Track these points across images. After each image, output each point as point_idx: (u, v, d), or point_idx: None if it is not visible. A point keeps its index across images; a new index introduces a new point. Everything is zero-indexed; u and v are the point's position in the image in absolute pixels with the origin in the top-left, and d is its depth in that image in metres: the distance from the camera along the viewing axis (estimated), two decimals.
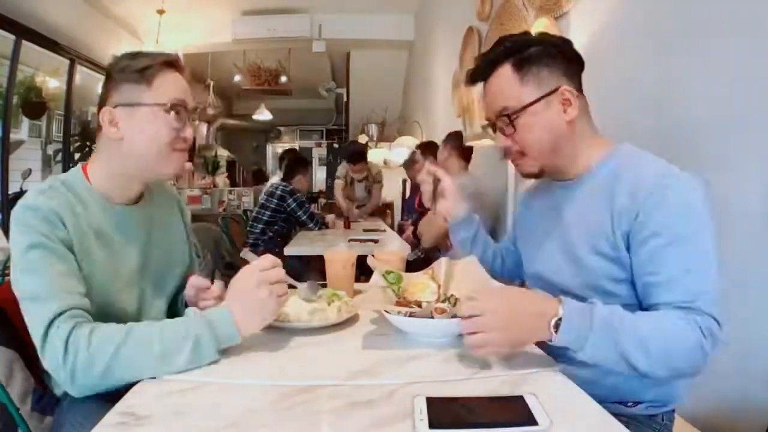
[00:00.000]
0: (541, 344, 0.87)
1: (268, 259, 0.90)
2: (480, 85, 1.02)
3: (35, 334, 0.81)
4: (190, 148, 1.03)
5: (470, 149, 2.85)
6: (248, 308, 0.87)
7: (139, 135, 0.96)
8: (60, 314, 0.80)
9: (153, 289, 1.05)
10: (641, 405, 0.92)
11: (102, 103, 0.97)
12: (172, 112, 0.96)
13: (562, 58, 0.95)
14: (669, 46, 1.37)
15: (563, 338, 0.76)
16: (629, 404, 0.92)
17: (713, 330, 0.78)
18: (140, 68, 0.96)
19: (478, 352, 0.78)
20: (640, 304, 0.88)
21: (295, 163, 3.80)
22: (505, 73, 0.95)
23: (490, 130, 1.03)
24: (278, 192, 3.48)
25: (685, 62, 1.30)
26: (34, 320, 0.82)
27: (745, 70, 1.11)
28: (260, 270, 0.88)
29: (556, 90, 0.93)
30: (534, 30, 2.15)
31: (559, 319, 0.76)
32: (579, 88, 0.97)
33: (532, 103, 0.93)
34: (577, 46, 1.43)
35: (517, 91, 0.94)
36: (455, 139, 2.88)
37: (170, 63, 0.99)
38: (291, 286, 0.97)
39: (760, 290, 1.07)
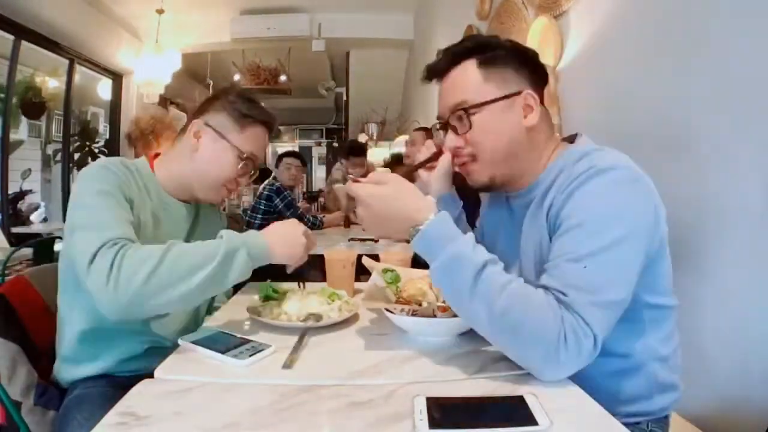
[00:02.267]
0: None
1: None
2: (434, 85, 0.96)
3: (84, 256, 0.84)
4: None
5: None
6: (284, 243, 0.98)
7: (209, 159, 1.08)
8: (113, 240, 0.86)
9: None
10: (619, 415, 0.88)
11: (199, 113, 1.11)
12: (243, 162, 1.09)
13: (529, 66, 0.91)
14: (668, 45, 1.37)
15: (417, 246, 0.78)
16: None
17: (579, 337, 0.69)
18: (245, 113, 1.09)
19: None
20: None
21: (279, 158, 3.72)
22: (469, 67, 0.90)
23: (440, 133, 0.96)
24: (265, 192, 3.42)
25: (685, 62, 1.30)
26: (85, 243, 0.86)
27: (745, 70, 1.11)
28: (304, 228, 1.01)
29: (518, 93, 0.88)
30: (532, 30, 2.15)
31: (420, 228, 0.77)
32: (541, 98, 0.91)
33: (492, 101, 0.87)
34: (577, 45, 1.43)
35: (478, 85, 0.88)
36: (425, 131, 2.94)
37: (269, 124, 1.14)
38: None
39: (760, 290, 1.07)
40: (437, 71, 0.94)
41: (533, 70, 0.91)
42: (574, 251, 0.74)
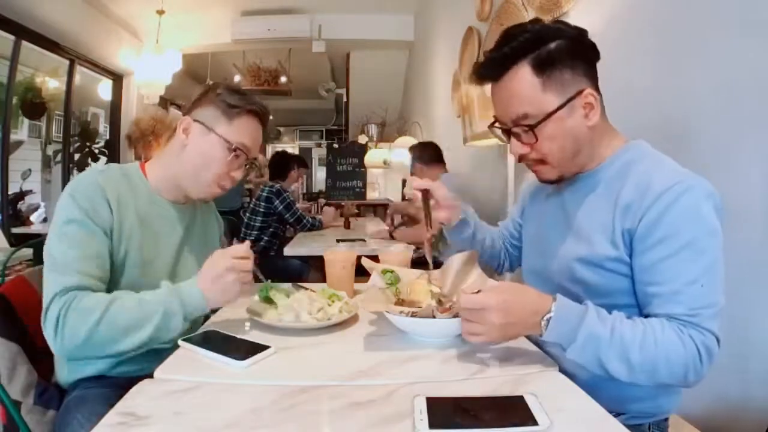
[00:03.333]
0: (540, 344, 0.87)
1: (243, 247, 0.96)
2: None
3: (44, 301, 0.88)
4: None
5: (439, 152, 2.78)
6: (215, 287, 0.93)
7: (199, 153, 1.06)
8: (66, 289, 0.88)
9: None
10: (622, 416, 0.88)
11: (187, 111, 1.10)
12: (233, 154, 1.06)
13: (582, 54, 0.87)
14: (669, 45, 1.37)
15: (551, 335, 0.78)
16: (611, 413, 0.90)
17: (710, 348, 0.76)
18: (231, 104, 1.07)
19: (472, 340, 0.80)
20: (639, 308, 0.85)
21: (283, 161, 3.70)
22: (524, 74, 0.85)
23: (497, 131, 0.94)
24: (264, 194, 3.39)
25: (685, 62, 1.30)
26: (46, 288, 0.89)
27: (745, 70, 1.11)
28: (232, 256, 0.94)
29: (579, 93, 0.85)
30: None
31: (550, 317, 0.77)
32: (597, 85, 0.90)
33: (554, 111, 0.85)
34: None
35: (538, 96, 0.85)
36: (422, 149, 2.82)
37: (258, 113, 1.11)
38: (258, 280, 1.04)
39: (760, 290, 1.07)
40: (490, 74, 0.90)
41: (587, 57, 0.88)
42: (690, 274, 0.78)
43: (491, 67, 0.89)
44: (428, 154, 2.75)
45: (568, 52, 0.85)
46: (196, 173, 1.07)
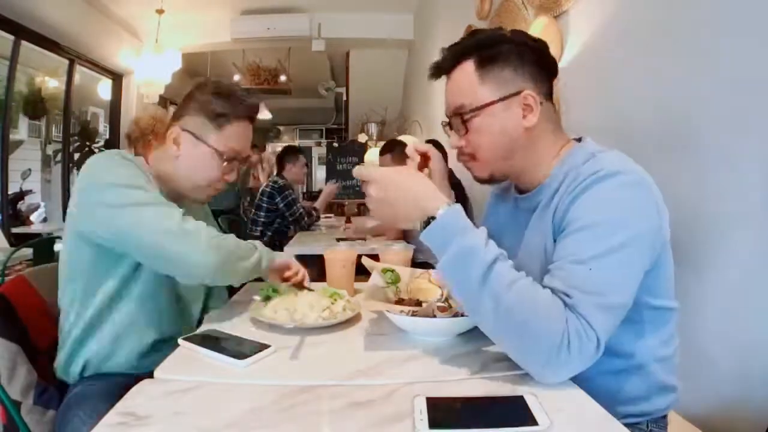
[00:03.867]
0: None
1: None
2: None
3: (170, 228, 0.95)
4: None
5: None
6: None
7: (192, 164, 1.08)
8: (183, 212, 0.98)
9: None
10: (620, 415, 0.87)
11: (176, 117, 1.10)
12: (225, 161, 1.08)
13: (532, 61, 0.88)
14: (669, 45, 1.37)
15: (427, 235, 0.77)
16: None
17: (583, 339, 0.68)
18: (219, 112, 1.06)
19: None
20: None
21: (283, 154, 3.67)
22: (467, 68, 0.88)
23: (447, 129, 0.96)
24: (268, 190, 3.37)
25: (685, 62, 1.30)
26: (162, 218, 0.96)
27: (745, 70, 1.11)
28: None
29: (517, 93, 0.86)
30: (533, 29, 2.15)
31: (431, 219, 0.77)
32: (548, 96, 0.90)
33: (488, 104, 0.87)
34: (577, 45, 1.43)
35: (475, 89, 0.87)
36: (394, 143, 2.81)
37: (246, 117, 1.10)
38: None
39: (760, 290, 1.07)
40: (441, 70, 0.94)
41: (537, 66, 0.89)
42: (580, 253, 0.73)
43: (444, 63, 0.93)
44: (400, 149, 2.74)
45: (515, 55, 0.87)
46: (191, 180, 1.10)
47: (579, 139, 0.93)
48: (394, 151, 2.73)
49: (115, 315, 1.02)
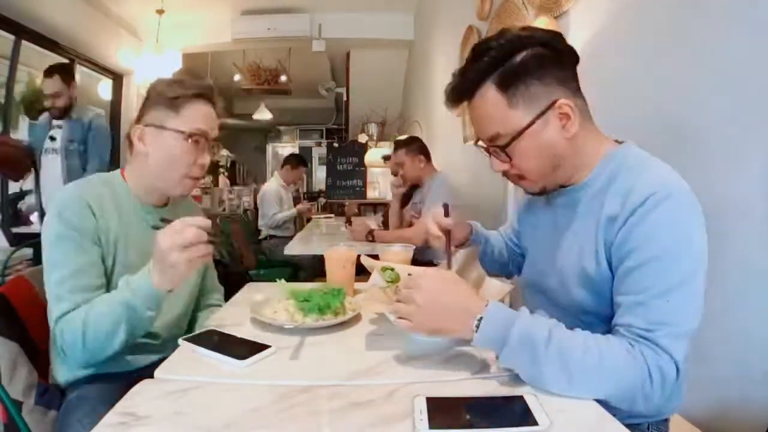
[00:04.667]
0: None
1: (184, 221, 0.88)
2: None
3: (51, 323, 0.95)
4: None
5: (423, 146, 2.83)
6: (160, 270, 0.88)
7: (160, 154, 1.07)
8: (59, 317, 0.93)
9: None
10: (621, 416, 0.88)
11: (138, 119, 1.10)
12: (191, 140, 1.06)
13: (553, 61, 0.82)
14: (669, 45, 1.37)
15: (482, 338, 0.74)
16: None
17: (664, 371, 0.70)
18: (172, 96, 1.06)
19: (398, 323, 0.79)
20: None
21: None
22: (489, 95, 0.82)
23: (482, 151, 0.92)
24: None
25: (685, 62, 1.30)
26: (51, 309, 0.95)
27: (745, 70, 1.11)
28: (173, 233, 0.86)
29: (551, 105, 0.81)
30: None
31: (480, 319, 0.74)
32: (576, 91, 0.85)
33: (525, 128, 0.81)
34: (578, 45, 1.42)
35: (506, 115, 0.82)
36: (409, 140, 2.86)
37: (201, 95, 1.09)
38: (211, 242, 0.91)
39: (760, 290, 1.07)
40: (461, 98, 0.89)
41: (559, 65, 0.83)
42: (657, 286, 0.73)
43: (460, 91, 0.87)
44: (416, 145, 2.80)
45: (534, 63, 0.81)
46: (165, 173, 1.08)
47: (618, 142, 0.92)
48: (409, 146, 2.79)
49: None
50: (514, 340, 0.72)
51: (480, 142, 0.91)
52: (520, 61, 0.81)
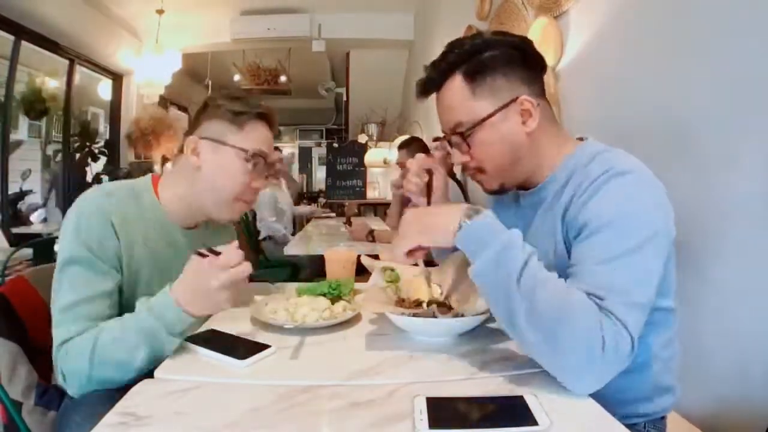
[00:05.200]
0: None
1: (234, 253, 0.84)
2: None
3: (53, 348, 0.88)
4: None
5: (424, 146, 2.85)
6: (201, 304, 0.85)
7: (216, 171, 1.01)
8: (64, 341, 0.87)
9: None
10: (618, 415, 0.87)
11: (191, 129, 1.04)
12: (251, 162, 1.01)
13: (520, 62, 0.86)
14: (669, 45, 1.37)
15: (461, 238, 0.75)
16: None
17: (618, 339, 0.66)
18: (237, 111, 1.01)
19: (396, 252, 0.83)
20: None
21: None
22: (456, 84, 0.86)
23: (446, 144, 0.93)
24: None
25: (685, 62, 1.30)
26: (54, 334, 0.88)
27: (745, 70, 1.11)
28: (222, 267, 0.82)
29: (514, 100, 0.84)
30: (532, 30, 2.15)
31: (466, 223, 0.75)
32: (540, 94, 0.88)
33: (486, 118, 0.85)
34: (577, 45, 1.43)
35: (469, 104, 0.85)
36: (409, 141, 2.91)
37: (264, 115, 1.05)
38: (251, 279, 0.92)
39: (759, 290, 1.07)
40: (429, 88, 0.91)
41: (526, 67, 0.87)
42: (603, 253, 0.72)
43: (430, 82, 0.90)
44: (416, 146, 2.84)
45: (502, 60, 0.85)
46: (216, 192, 1.02)
47: (580, 140, 0.93)
48: (409, 147, 2.84)
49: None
50: (498, 246, 0.72)
51: (436, 144, 0.95)
52: (489, 56, 0.85)
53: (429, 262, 1.06)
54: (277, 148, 4.31)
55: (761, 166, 1.07)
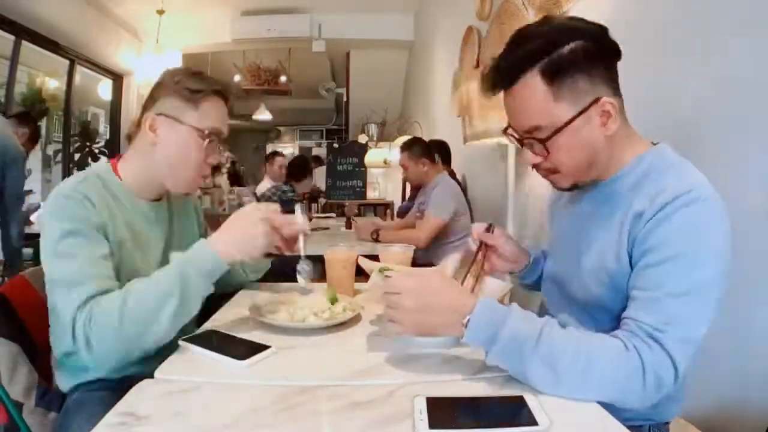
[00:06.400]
0: None
1: (274, 206, 0.98)
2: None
3: (64, 317, 0.85)
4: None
5: (426, 147, 2.80)
6: (241, 238, 0.94)
7: (172, 148, 1.02)
8: (85, 300, 0.85)
9: None
10: (621, 418, 0.87)
11: (148, 105, 1.04)
12: (207, 140, 1.03)
13: (600, 56, 0.79)
14: (669, 45, 1.37)
15: (471, 336, 0.73)
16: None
17: (660, 374, 0.68)
18: (194, 89, 1.02)
19: (388, 329, 0.78)
20: None
21: (299, 165, 3.83)
22: (534, 84, 0.78)
23: (512, 139, 0.88)
24: (275, 198, 3.42)
25: (686, 62, 1.30)
26: (63, 304, 0.86)
27: (745, 70, 1.11)
28: (261, 208, 0.94)
29: (595, 101, 0.78)
30: None
31: (470, 317, 0.73)
32: (617, 90, 0.82)
33: (568, 123, 0.79)
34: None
35: (549, 108, 0.79)
36: (411, 142, 2.83)
37: (220, 92, 1.06)
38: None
39: (759, 290, 1.07)
40: (500, 84, 0.84)
41: (607, 62, 0.81)
42: (674, 286, 0.71)
43: (501, 76, 0.83)
44: (418, 147, 2.79)
45: (583, 57, 0.77)
46: (174, 168, 1.04)
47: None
48: (411, 149, 2.78)
49: None
50: (503, 340, 0.71)
51: (510, 131, 0.88)
52: (569, 52, 0.77)
53: (428, 263, 1.06)
54: (279, 153, 4.30)
55: (761, 165, 1.07)
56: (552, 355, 0.69)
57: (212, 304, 1.25)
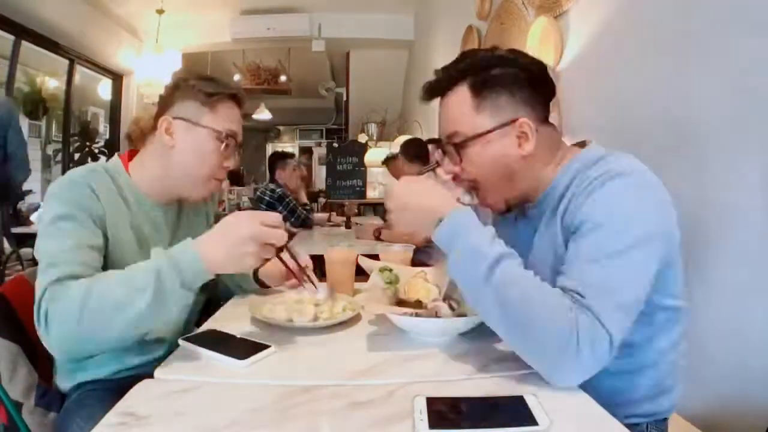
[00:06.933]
0: None
1: (275, 216, 0.86)
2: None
3: (36, 295, 0.81)
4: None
5: (424, 149, 2.78)
6: (227, 252, 0.83)
7: (189, 151, 1.02)
8: (54, 281, 0.81)
9: None
10: (620, 415, 0.87)
11: (163, 109, 1.04)
12: (224, 143, 1.03)
13: (528, 84, 0.85)
14: (669, 45, 1.37)
15: (437, 238, 0.79)
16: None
17: (594, 337, 0.68)
18: (209, 92, 1.02)
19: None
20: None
21: (273, 159, 3.68)
22: (461, 94, 0.87)
23: (438, 151, 0.94)
24: (266, 198, 3.37)
25: (686, 62, 1.30)
26: (38, 281, 0.83)
27: (745, 70, 1.11)
28: (261, 222, 0.83)
29: (513, 121, 0.84)
30: (532, 30, 2.15)
31: (441, 220, 0.78)
32: (544, 119, 0.88)
33: (483, 133, 0.85)
34: (577, 45, 1.42)
35: (470, 117, 0.86)
36: (406, 145, 2.84)
37: (235, 96, 1.07)
38: (281, 249, 0.89)
39: (760, 290, 1.07)
40: (435, 92, 0.92)
41: (534, 90, 0.87)
42: (593, 252, 0.73)
43: (437, 86, 0.91)
44: (413, 150, 2.78)
45: (510, 79, 0.85)
46: (191, 172, 1.03)
47: (583, 143, 0.92)
48: (406, 152, 2.80)
49: None
50: (463, 249, 0.75)
51: (431, 147, 0.97)
52: (498, 73, 0.85)
53: (427, 264, 1.07)
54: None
55: (761, 165, 1.07)
56: (504, 285, 0.72)
57: (212, 304, 1.25)
